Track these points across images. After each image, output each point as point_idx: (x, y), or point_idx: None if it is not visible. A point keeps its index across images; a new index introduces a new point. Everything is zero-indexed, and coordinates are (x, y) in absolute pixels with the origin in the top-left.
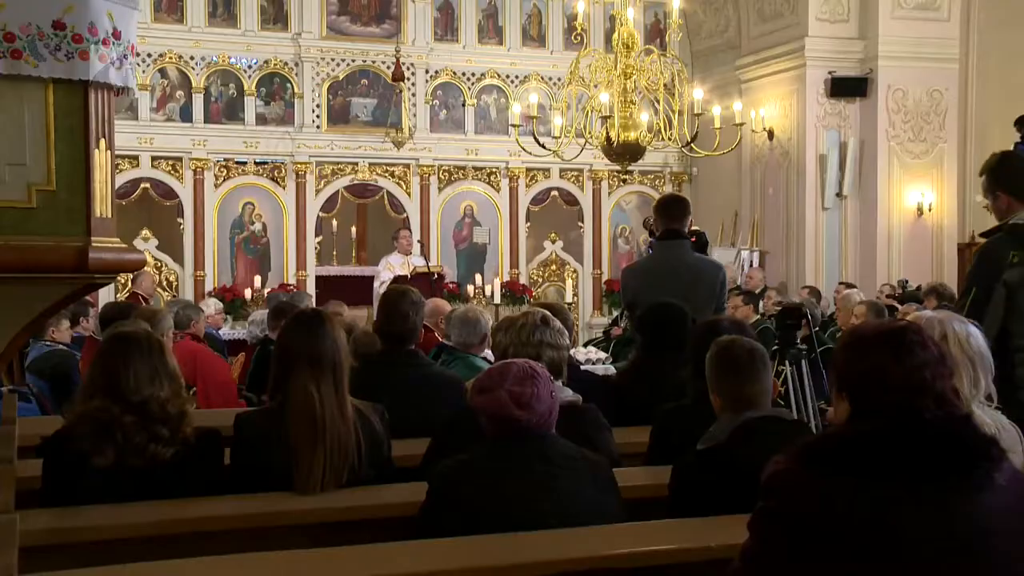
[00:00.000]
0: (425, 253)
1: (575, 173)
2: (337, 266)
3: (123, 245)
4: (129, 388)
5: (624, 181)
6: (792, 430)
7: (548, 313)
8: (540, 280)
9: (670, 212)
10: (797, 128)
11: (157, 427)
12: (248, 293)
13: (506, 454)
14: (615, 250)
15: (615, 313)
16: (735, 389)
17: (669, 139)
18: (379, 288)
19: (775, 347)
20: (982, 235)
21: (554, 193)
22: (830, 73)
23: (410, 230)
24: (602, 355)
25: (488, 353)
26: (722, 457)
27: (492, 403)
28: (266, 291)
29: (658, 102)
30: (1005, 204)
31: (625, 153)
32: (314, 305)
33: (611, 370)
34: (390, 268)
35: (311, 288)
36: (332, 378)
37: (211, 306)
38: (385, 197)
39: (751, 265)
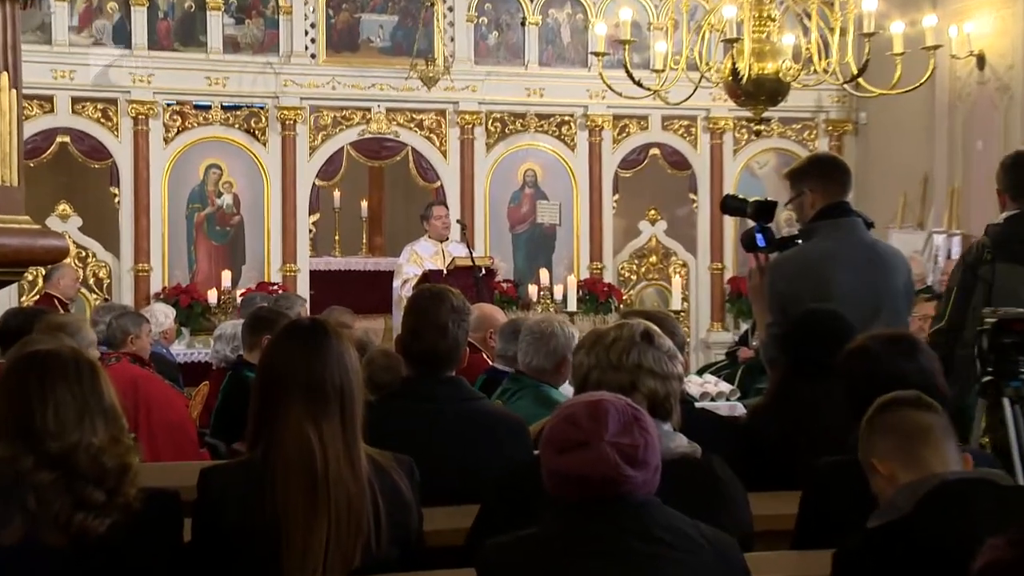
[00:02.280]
0: (468, 239)
1: (685, 123)
2: (341, 258)
3: (34, 226)
4: (47, 431)
5: (757, 134)
6: (1012, 499)
7: (652, 326)
8: (633, 278)
9: (832, 177)
10: (1023, 53)
11: (87, 488)
12: (213, 296)
13: (591, 529)
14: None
15: (744, 327)
16: (911, 458)
17: (825, 72)
18: (402, 289)
19: (986, 378)
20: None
21: (654, 152)
22: None
23: (446, 206)
24: (726, 387)
25: (567, 387)
26: (906, 537)
27: (593, 464)
28: (239, 293)
29: (809, 16)
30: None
31: (759, 93)
32: (309, 314)
33: (739, 408)
34: (417, 260)
35: (303, 289)
36: (339, 417)
37: (159, 314)
38: (410, 158)
39: (948, 256)
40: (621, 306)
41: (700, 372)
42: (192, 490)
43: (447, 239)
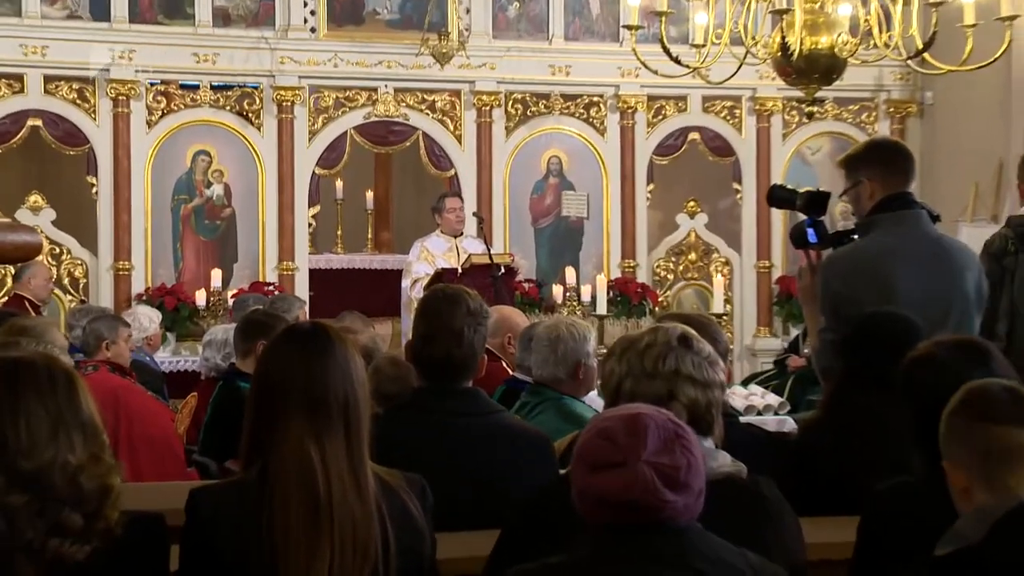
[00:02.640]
0: (485, 234)
1: (728, 104)
2: (344, 255)
3: (2, 219)
4: (17, 448)
5: (809, 116)
6: None
7: (690, 330)
8: (670, 277)
9: (894, 164)
10: None
11: (63, 512)
12: (201, 297)
13: (625, 557)
14: None
15: (794, 332)
16: (994, 480)
17: (886, 46)
18: (412, 290)
19: None
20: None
21: (693, 137)
22: None
23: (461, 197)
24: (774, 399)
25: (594, 396)
26: (977, 568)
27: (629, 486)
28: (230, 294)
29: None
30: None
31: (812, 70)
32: (309, 317)
33: (789, 423)
34: (428, 258)
35: (302, 290)
36: (343, 433)
37: (142, 318)
38: (421, 144)
39: None
40: (656, 309)
41: (745, 383)
42: (179, 513)
43: (462, 234)
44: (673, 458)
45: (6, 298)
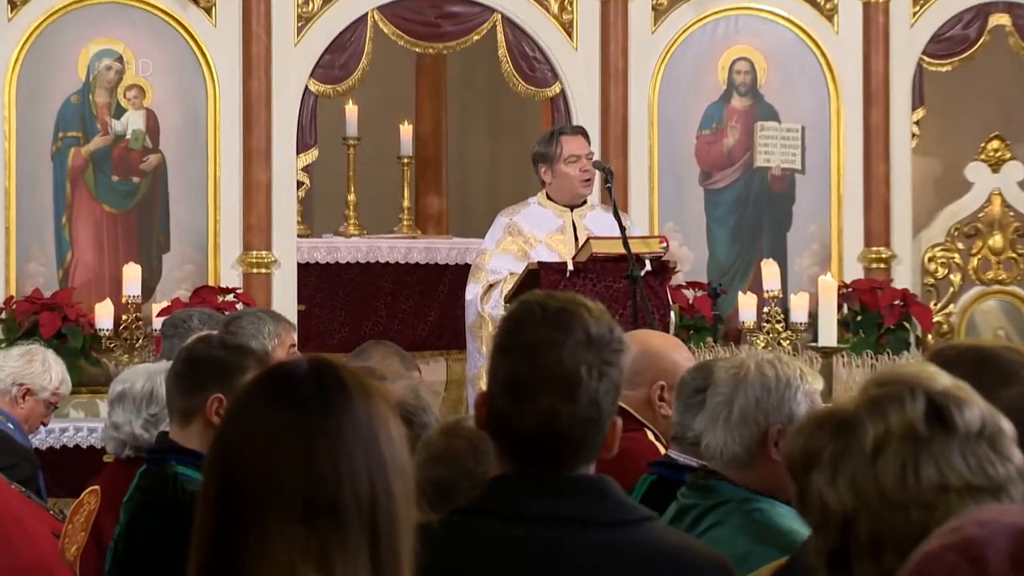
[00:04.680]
0: (616, 201)
1: None
2: (361, 238)
3: None
4: None
5: None
6: None
7: (952, 388)
8: (956, 279)
9: None
10: None
11: None
12: (105, 314)
13: None
14: None
15: None
16: None
17: None
18: (483, 302)
19: None
20: None
21: (999, 21)
22: None
23: (587, 136)
24: None
25: None
26: None
27: None
28: (157, 308)
29: None
30: None
31: None
32: (296, 346)
33: None
34: (517, 245)
35: (286, 300)
36: (367, 553)
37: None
38: (500, 36)
39: None
40: (929, 336)
41: None
42: None
43: (584, 202)
44: None
45: None
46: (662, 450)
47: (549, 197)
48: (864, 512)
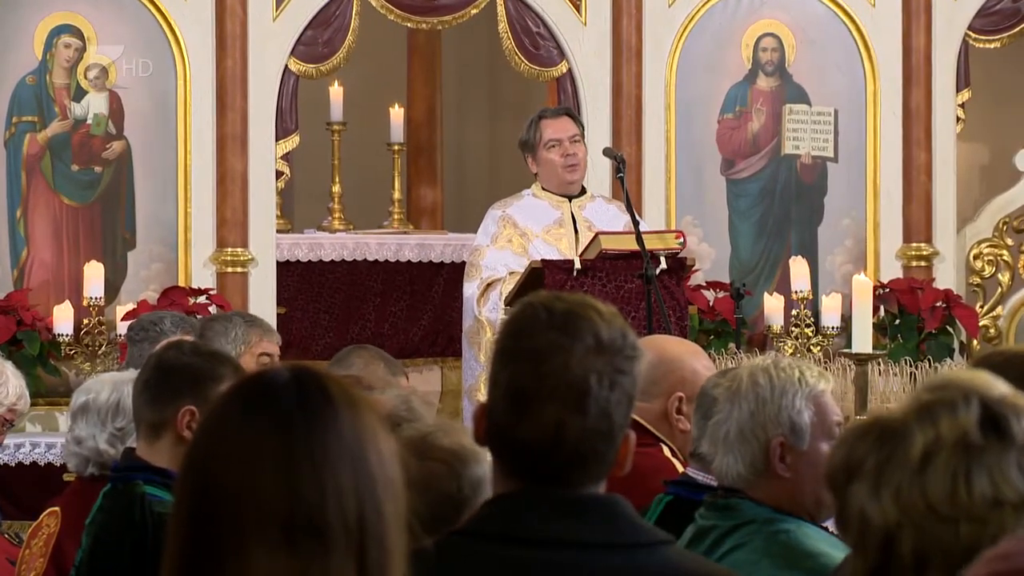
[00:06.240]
0: (629, 192)
1: None
2: (347, 233)
3: None
4: None
5: None
6: None
7: (1007, 396)
8: (1004, 278)
9: None
10: None
11: None
12: (64, 318)
13: None
14: None
15: None
16: None
17: None
18: (480, 304)
19: None
20: None
21: None
22: None
23: (575, 117)
24: None
25: None
26: None
27: None
28: (121, 313)
29: None
30: None
31: None
32: (271, 355)
33: None
34: (514, 241)
35: (265, 301)
36: None
37: None
38: (501, 10)
39: None
40: (975, 341)
41: None
42: None
43: (583, 191)
44: None
45: None
46: (679, 467)
47: (543, 187)
48: (908, 526)
